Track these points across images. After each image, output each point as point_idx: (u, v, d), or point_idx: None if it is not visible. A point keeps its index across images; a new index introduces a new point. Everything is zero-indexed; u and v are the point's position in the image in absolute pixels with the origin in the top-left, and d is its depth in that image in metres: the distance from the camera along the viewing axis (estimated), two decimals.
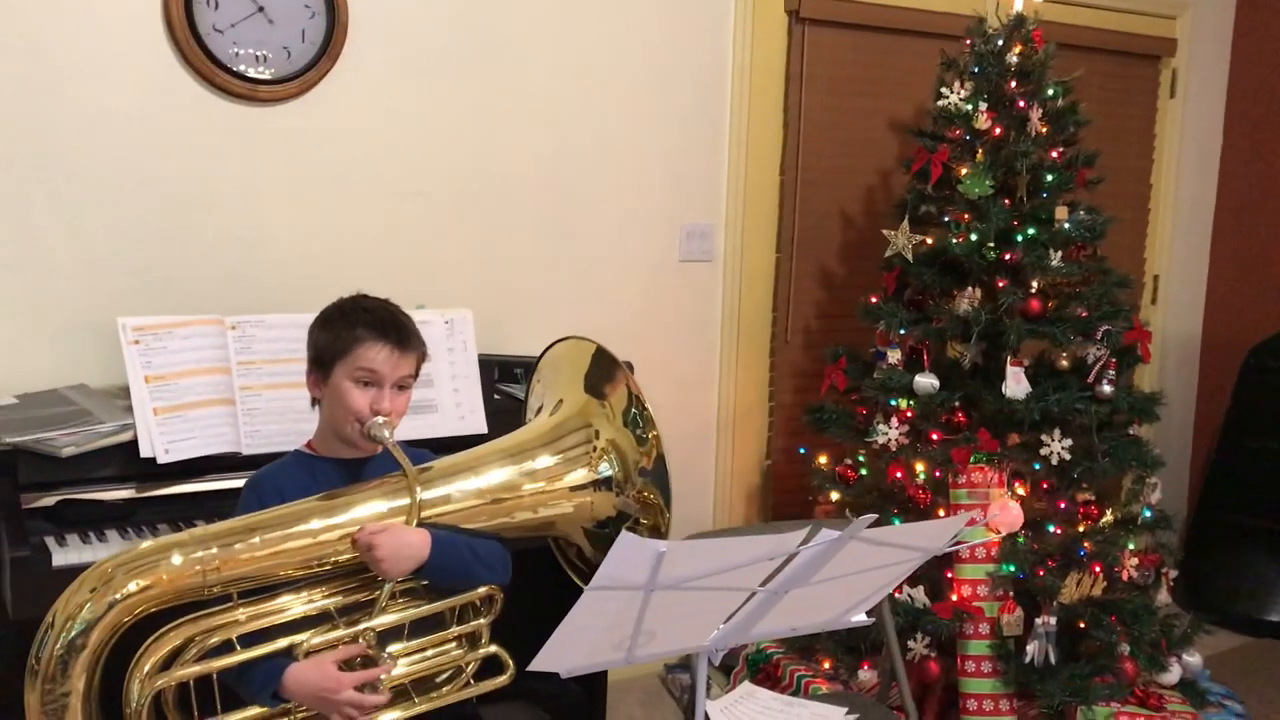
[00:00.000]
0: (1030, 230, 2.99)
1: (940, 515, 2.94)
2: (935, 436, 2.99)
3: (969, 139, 3.07)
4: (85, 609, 1.61)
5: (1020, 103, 3.04)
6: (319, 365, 1.89)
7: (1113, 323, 2.99)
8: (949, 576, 2.92)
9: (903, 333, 3.08)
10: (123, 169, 2.60)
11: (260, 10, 2.67)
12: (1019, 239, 2.99)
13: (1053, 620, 2.83)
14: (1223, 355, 4.44)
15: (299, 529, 1.74)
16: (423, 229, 2.97)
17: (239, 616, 1.71)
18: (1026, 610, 2.87)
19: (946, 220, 3.07)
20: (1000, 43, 3.08)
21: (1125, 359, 3.06)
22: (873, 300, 3.19)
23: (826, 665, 3.11)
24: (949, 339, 3.08)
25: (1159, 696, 2.94)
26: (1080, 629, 2.91)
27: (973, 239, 2.99)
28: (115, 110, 2.58)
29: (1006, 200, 3.03)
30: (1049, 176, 3.04)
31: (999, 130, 3.03)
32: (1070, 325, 2.97)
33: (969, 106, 3.06)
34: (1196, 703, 3.02)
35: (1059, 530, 2.95)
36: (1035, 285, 3.00)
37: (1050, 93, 3.08)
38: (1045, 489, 3.00)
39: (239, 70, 2.67)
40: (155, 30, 2.59)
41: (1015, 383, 2.93)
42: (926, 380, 3.00)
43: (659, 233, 3.35)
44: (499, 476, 1.89)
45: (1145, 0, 4.13)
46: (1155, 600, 3.06)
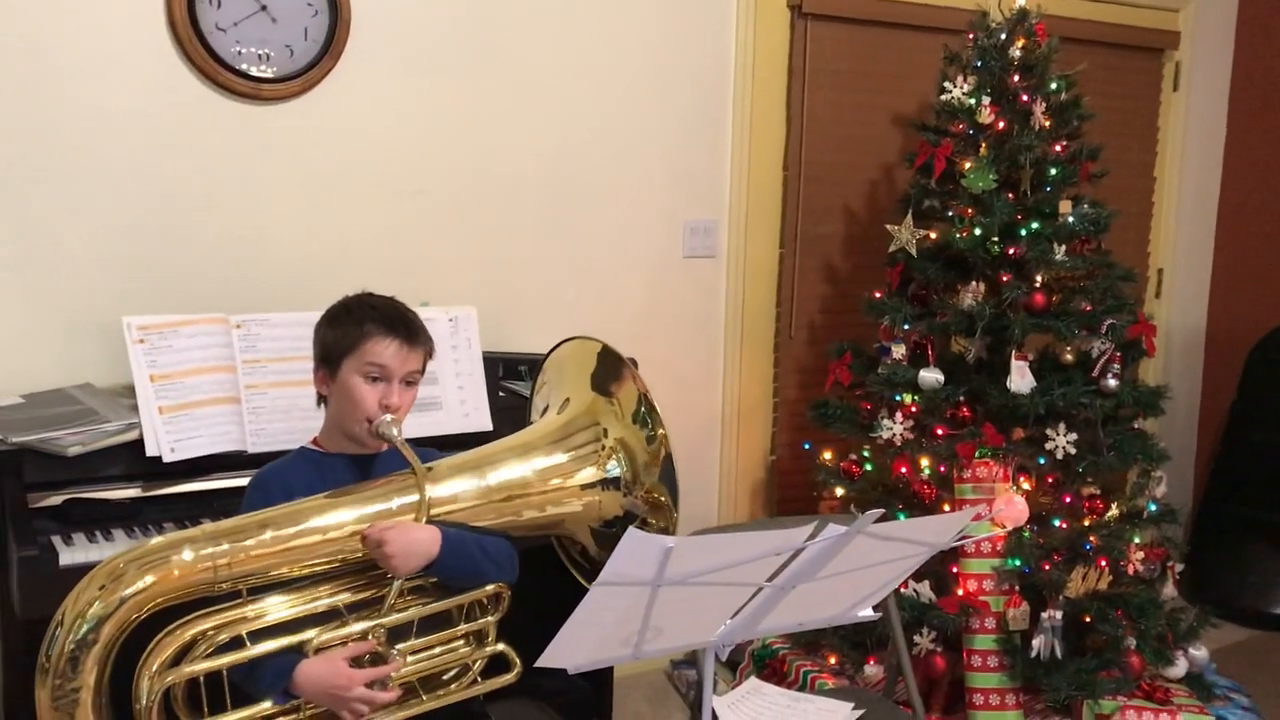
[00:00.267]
0: (1034, 224, 2.99)
1: (945, 510, 2.94)
2: (940, 431, 2.99)
3: (972, 133, 3.06)
4: (96, 604, 1.61)
5: (1023, 97, 3.04)
6: (326, 362, 1.89)
7: (1117, 316, 2.99)
8: (955, 571, 2.92)
9: (907, 328, 3.08)
10: (126, 168, 2.60)
11: (263, 9, 2.67)
12: (1023, 233, 2.98)
13: (1058, 614, 2.84)
14: (1227, 349, 4.43)
15: (309, 525, 1.74)
16: (426, 227, 2.97)
17: (249, 613, 1.71)
18: (1032, 604, 2.87)
19: (950, 215, 3.07)
20: (1003, 37, 3.07)
21: (1130, 353, 3.06)
22: (877, 295, 3.20)
23: (833, 660, 3.11)
24: (953, 334, 3.09)
25: (1165, 690, 2.95)
26: (1086, 623, 2.91)
27: (976, 233, 2.99)
28: (118, 109, 2.58)
29: (1010, 194, 3.03)
30: (1053, 170, 3.03)
31: (1002, 124, 3.03)
32: (1075, 319, 2.97)
33: (972, 101, 3.05)
34: (1203, 696, 3.02)
35: (1064, 524, 2.95)
36: (1039, 279, 2.99)
37: (1053, 86, 3.08)
38: (1050, 483, 3.00)
39: (242, 69, 2.66)
40: (158, 29, 2.59)
41: (1020, 377, 2.93)
42: (931, 375, 3.00)
43: (662, 229, 3.34)
44: (508, 474, 1.89)
45: None
46: (1161, 594, 3.06)
